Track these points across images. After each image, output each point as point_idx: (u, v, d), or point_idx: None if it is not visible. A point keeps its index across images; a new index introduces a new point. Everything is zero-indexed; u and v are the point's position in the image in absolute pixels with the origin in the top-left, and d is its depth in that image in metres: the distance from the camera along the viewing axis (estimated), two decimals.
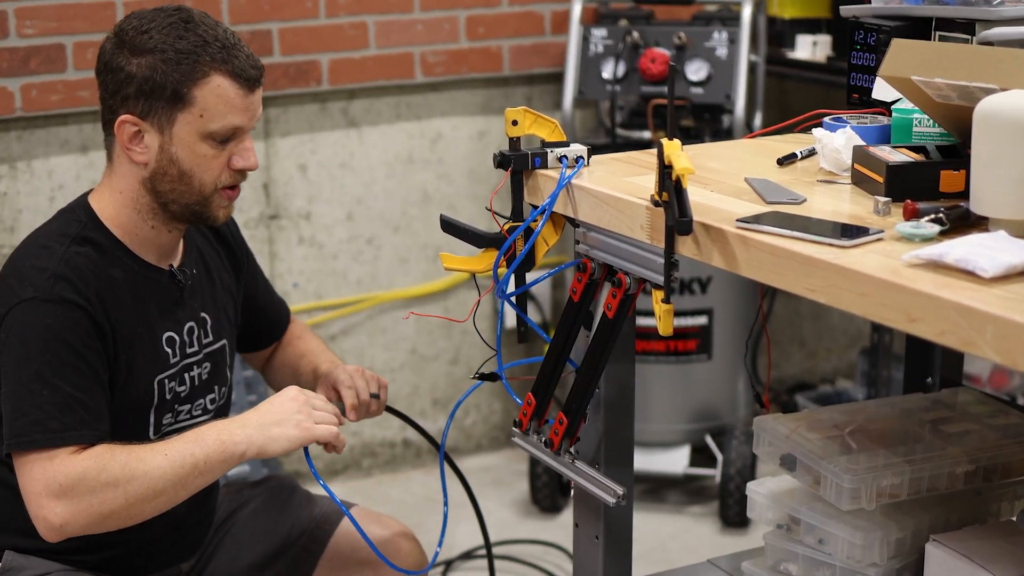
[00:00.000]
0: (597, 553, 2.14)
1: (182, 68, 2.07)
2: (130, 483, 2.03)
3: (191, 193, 2.14)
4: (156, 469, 2.04)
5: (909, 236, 1.64)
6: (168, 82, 2.07)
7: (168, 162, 2.12)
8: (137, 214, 2.17)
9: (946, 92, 1.80)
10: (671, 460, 3.51)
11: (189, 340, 2.26)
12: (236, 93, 2.10)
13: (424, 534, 3.36)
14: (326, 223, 3.59)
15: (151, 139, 2.11)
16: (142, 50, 2.08)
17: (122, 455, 2.04)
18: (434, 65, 3.61)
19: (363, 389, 2.37)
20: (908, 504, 2.07)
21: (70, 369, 2.06)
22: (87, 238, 2.15)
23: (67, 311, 2.07)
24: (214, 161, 2.13)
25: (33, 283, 2.08)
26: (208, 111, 2.09)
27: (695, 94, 3.44)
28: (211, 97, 2.09)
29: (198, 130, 2.10)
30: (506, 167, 2.03)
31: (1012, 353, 1.40)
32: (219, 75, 2.09)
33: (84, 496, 2.02)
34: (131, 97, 2.10)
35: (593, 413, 2.09)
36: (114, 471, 2.03)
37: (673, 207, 1.74)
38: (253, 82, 2.13)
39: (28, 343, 2.06)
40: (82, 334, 2.08)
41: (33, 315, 2.06)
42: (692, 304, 3.46)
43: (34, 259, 2.11)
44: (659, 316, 1.82)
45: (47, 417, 2.04)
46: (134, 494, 2.04)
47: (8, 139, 3.18)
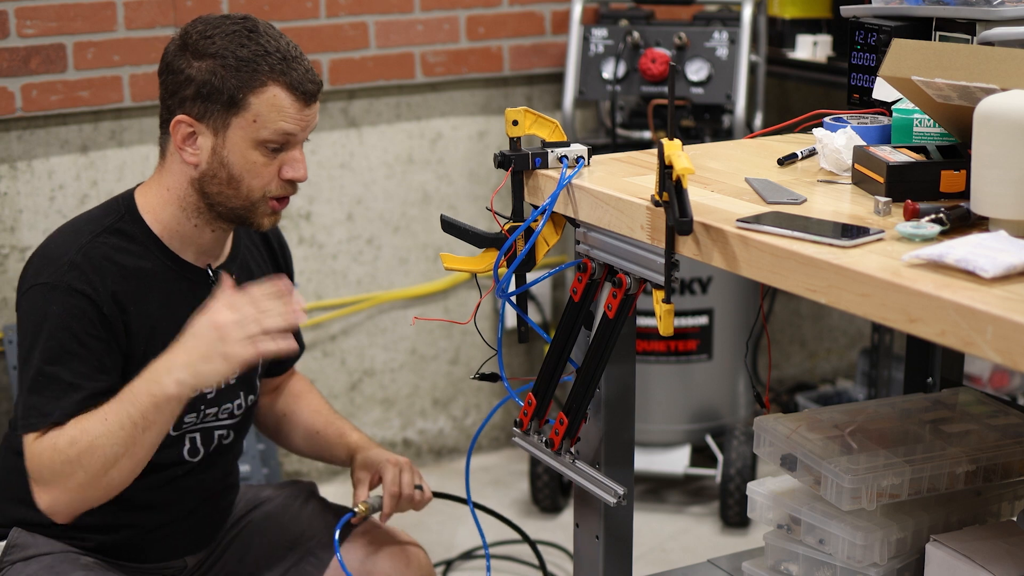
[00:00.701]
0: (597, 553, 2.14)
1: (241, 75, 2.12)
2: (83, 456, 2.07)
3: (238, 198, 2.18)
4: (101, 437, 2.07)
5: (909, 236, 1.64)
6: (226, 87, 2.12)
7: (219, 165, 2.16)
8: (182, 211, 2.21)
9: (946, 92, 1.80)
10: (671, 460, 3.51)
11: None
12: (291, 104, 2.14)
13: (424, 534, 3.37)
14: (326, 223, 3.59)
15: (204, 141, 2.15)
16: (203, 54, 2.13)
17: (70, 430, 2.07)
18: (434, 65, 3.61)
19: (408, 484, 2.39)
20: (908, 504, 2.07)
21: (71, 357, 2.11)
22: (120, 230, 2.20)
23: (74, 300, 2.11)
24: (264, 169, 2.17)
25: (49, 268, 2.14)
26: (261, 118, 2.13)
27: (695, 94, 3.44)
28: (266, 106, 2.13)
29: (251, 136, 2.14)
30: (506, 167, 2.03)
31: (1012, 353, 1.40)
32: (276, 85, 2.13)
33: (52, 479, 2.08)
34: (188, 99, 2.14)
35: (593, 413, 2.09)
36: (66, 449, 2.07)
37: (673, 207, 1.74)
38: (309, 96, 2.16)
39: (37, 327, 2.12)
40: (86, 323, 2.12)
41: (43, 300, 2.13)
42: (692, 304, 3.46)
43: (59, 244, 2.18)
44: (659, 316, 1.82)
45: (44, 402, 2.10)
46: (91, 465, 2.07)
47: (8, 139, 3.18)
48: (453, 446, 3.86)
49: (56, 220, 3.22)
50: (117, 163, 3.29)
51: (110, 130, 3.28)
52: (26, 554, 2.22)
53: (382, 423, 3.76)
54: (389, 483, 2.37)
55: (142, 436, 2.08)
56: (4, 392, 3.21)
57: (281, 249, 2.47)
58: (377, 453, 2.44)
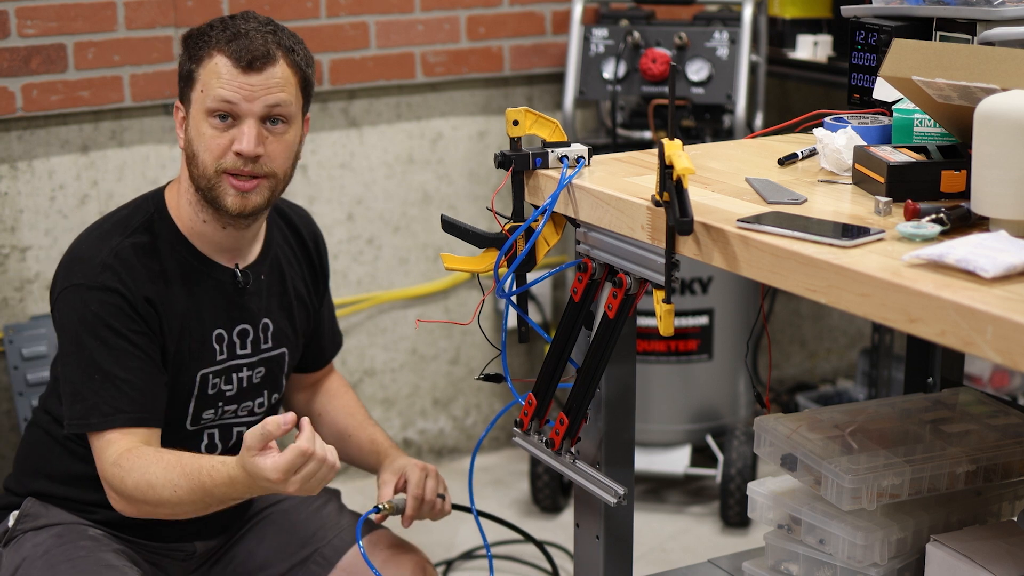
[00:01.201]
0: (598, 553, 2.14)
1: (193, 50, 2.21)
2: (141, 502, 2.15)
3: (201, 176, 2.22)
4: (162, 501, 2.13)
5: (910, 236, 1.64)
6: (184, 63, 2.23)
7: (188, 143, 2.23)
8: (191, 206, 2.27)
9: (947, 92, 1.80)
10: (672, 460, 3.51)
11: (241, 342, 2.31)
12: (228, 70, 2.18)
13: (424, 534, 3.36)
14: (326, 223, 3.59)
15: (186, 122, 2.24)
16: (184, 42, 2.25)
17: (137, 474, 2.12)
18: (434, 65, 3.61)
19: (431, 490, 2.40)
20: (909, 504, 2.07)
21: (119, 352, 2.18)
22: (149, 229, 2.25)
23: (109, 297, 2.18)
24: (213, 142, 2.19)
25: (83, 269, 2.20)
26: (206, 87, 2.19)
27: (696, 94, 3.44)
28: (208, 74, 2.19)
29: (202, 108, 2.20)
30: (507, 167, 2.03)
31: (1012, 353, 1.40)
32: (219, 54, 2.19)
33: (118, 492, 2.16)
34: (178, 84, 2.26)
35: (594, 413, 2.09)
36: (127, 486, 2.14)
37: (674, 207, 1.74)
38: (249, 63, 2.19)
39: (78, 328, 2.18)
40: (125, 319, 2.18)
41: (79, 301, 2.18)
42: (693, 304, 3.46)
43: (91, 246, 2.24)
44: (660, 316, 1.82)
45: (101, 401, 2.17)
46: (144, 508, 2.16)
47: (9, 139, 3.18)
48: (453, 446, 3.86)
49: (56, 220, 3.22)
50: (117, 163, 3.29)
51: (110, 130, 3.28)
52: (37, 523, 2.28)
53: (382, 423, 3.76)
54: (414, 486, 2.38)
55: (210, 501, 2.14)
56: (4, 392, 3.21)
57: (316, 249, 2.49)
58: (406, 459, 2.45)
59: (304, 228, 2.47)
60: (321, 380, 2.60)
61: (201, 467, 2.11)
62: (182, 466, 2.12)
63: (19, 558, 2.25)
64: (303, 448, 2.00)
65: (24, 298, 3.21)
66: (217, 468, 2.09)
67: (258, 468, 2.01)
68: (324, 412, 2.57)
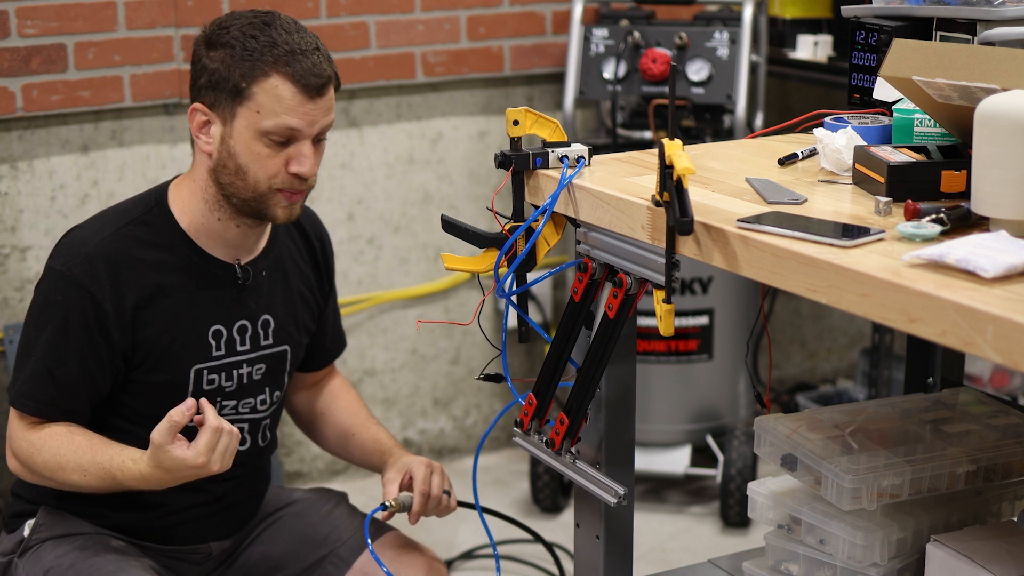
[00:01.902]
0: (598, 553, 2.14)
1: (245, 64, 2.15)
2: (49, 478, 2.22)
3: (247, 189, 2.20)
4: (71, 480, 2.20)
5: (910, 236, 1.64)
6: (232, 76, 2.16)
7: (227, 155, 2.19)
8: (205, 204, 2.25)
9: (947, 92, 1.80)
10: (672, 460, 3.51)
11: (240, 338, 2.30)
12: (292, 95, 2.15)
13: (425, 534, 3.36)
14: (326, 223, 3.58)
15: (216, 130, 2.19)
16: (217, 44, 2.18)
17: (48, 453, 2.19)
18: (435, 65, 3.61)
19: (437, 486, 2.40)
20: (909, 504, 2.07)
21: (61, 348, 2.19)
22: (146, 222, 2.24)
23: (78, 295, 2.18)
24: (269, 161, 2.18)
25: (66, 254, 2.21)
26: (264, 109, 2.15)
27: (696, 94, 3.44)
28: (268, 96, 2.15)
29: (254, 127, 2.16)
30: (507, 167, 2.03)
31: (1013, 353, 1.40)
32: (278, 76, 2.15)
33: (27, 468, 2.24)
34: (203, 88, 2.19)
35: (594, 413, 2.09)
36: (36, 463, 2.21)
37: (674, 207, 1.74)
38: (312, 89, 2.16)
39: (41, 309, 2.21)
40: (83, 321, 2.18)
41: (51, 285, 2.20)
42: (693, 304, 3.46)
43: (84, 233, 2.24)
44: (660, 316, 1.82)
45: (24, 381, 2.22)
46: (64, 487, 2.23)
47: (9, 139, 3.18)
48: (454, 446, 3.86)
49: (57, 220, 3.22)
50: (118, 163, 3.29)
51: (111, 130, 3.28)
52: (55, 532, 2.28)
53: (383, 423, 3.75)
54: (420, 482, 2.37)
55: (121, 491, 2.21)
56: (4, 392, 3.21)
57: (322, 247, 2.49)
58: (410, 457, 2.45)
59: (311, 228, 2.47)
60: (324, 380, 2.60)
61: (112, 460, 2.15)
62: (92, 453, 2.17)
63: (40, 569, 2.25)
64: (215, 425, 2.09)
65: (24, 298, 3.21)
66: (128, 466, 2.14)
67: (178, 459, 2.08)
68: (327, 412, 2.56)
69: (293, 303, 2.39)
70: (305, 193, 2.24)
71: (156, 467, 2.11)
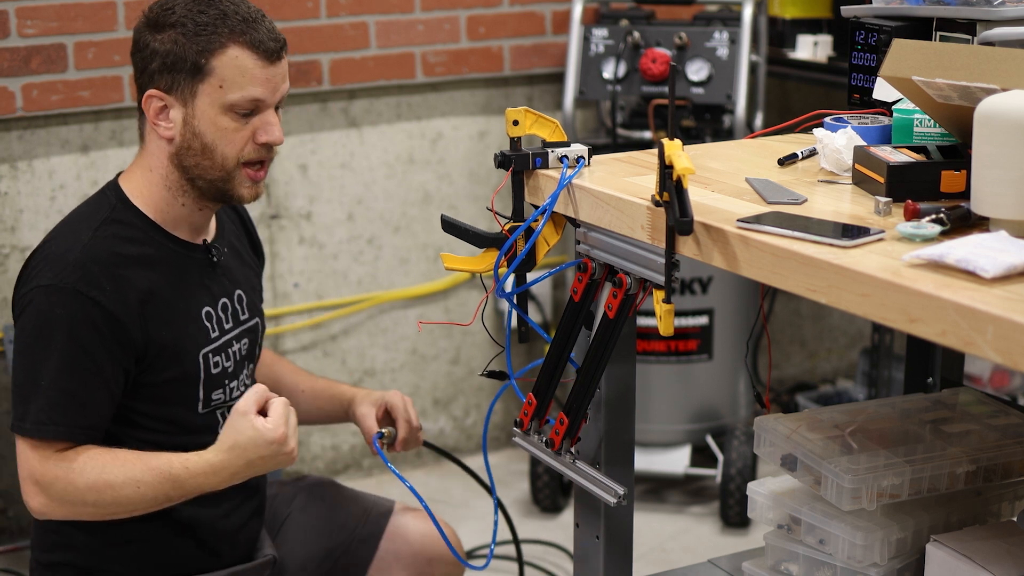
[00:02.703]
0: (598, 553, 2.14)
1: (200, 40, 2.11)
2: (97, 502, 2.10)
3: (214, 168, 2.16)
4: (125, 499, 2.10)
5: (910, 236, 1.64)
6: (188, 54, 2.11)
7: (192, 135, 2.14)
8: (168, 191, 2.19)
9: (947, 92, 1.80)
10: (672, 460, 3.51)
11: (225, 316, 2.28)
12: (254, 64, 2.12)
13: None
14: (326, 223, 3.59)
15: (176, 113, 2.14)
16: (164, 25, 2.12)
17: (93, 474, 2.09)
18: (435, 65, 3.61)
19: (415, 416, 2.41)
20: (909, 504, 2.07)
21: (75, 364, 2.09)
22: (117, 219, 2.17)
23: (80, 304, 2.08)
24: (236, 135, 2.15)
25: (52, 269, 2.10)
26: (227, 82, 2.12)
27: (696, 94, 3.44)
28: (229, 68, 2.12)
29: (218, 102, 2.12)
30: (507, 167, 2.03)
31: (1012, 353, 1.40)
32: (237, 46, 2.11)
33: (59, 499, 2.10)
34: (156, 72, 2.13)
35: (594, 413, 2.09)
36: (80, 487, 2.09)
37: (674, 207, 1.74)
38: (272, 54, 2.14)
39: (40, 330, 2.09)
40: (92, 330, 2.09)
41: (47, 302, 2.09)
42: (693, 304, 3.46)
43: (60, 244, 2.14)
44: (660, 316, 1.82)
45: (40, 409, 2.09)
46: (102, 510, 2.11)
47: (9, 139, 3.18)
48: (453, 446, 3.86)
49: (57, 220, 3.21)
50: (118, 163, 3.29)
51: (111, 130, 3.28)
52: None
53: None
54: (401, 411, 2.39)
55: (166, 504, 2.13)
56: (4, 392, 3.21)
57: (251, 224, 2.47)
58: (379, 392, 2.45)
59: None
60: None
61: (171, 461, 2.10)
62: (144, 461, 2.10)
63: None
64: (285, 399, 2.10)
65: None
66: (192, 460, 2.10)
67: (258, 430, 2.06)
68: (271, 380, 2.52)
69: (249, 275, 2.38)
70: (267, 167, 2.21)
71: (230, 448, 2.07)
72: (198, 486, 2.11)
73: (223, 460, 2.10)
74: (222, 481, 2.12)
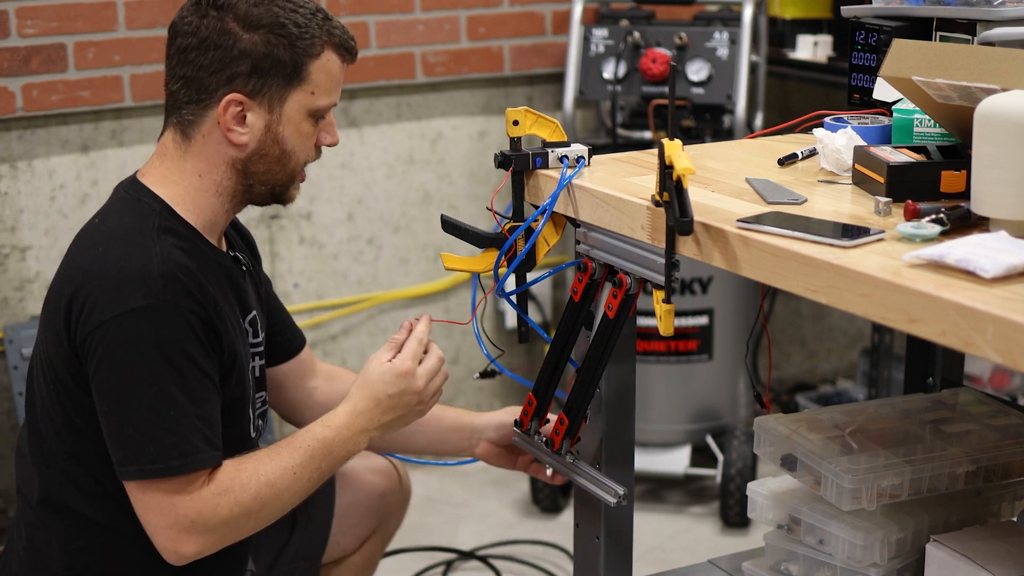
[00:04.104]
0: (598, 553, 2.14)
1: (302, 43, 1.97)
2: (262, 510, 1.98)
3: (284, 173, 2.04)
4: (287, 491, 1.98)
5: (910, 236, 1.64)
6: (286, 58, 1.96)
7: (272, 142, 2.00)
8: (217, 198, 2.03)
9: (947, 92, 1.80)
10: (672, 460, 3.51)
11: (253, 329, 2.16)
12: (339, 68, 2.03)
13: (425, 533, 3.37)
14: (326, 223, 3.59)
15: (256, 119, 1.99)
16: (257, 24, 1.96)
17: (253, 482, 1.95)
18: (435, 65, 3.61)
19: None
20: (908, 504, 2.07)
21: (193, 383, 1.92)
22: (169, 228, 1.98)
23: (182, 317, 1.90)
24: (310, 140, 2.04)
25: (139, 289, 1.89)
26: (319, 88, 2.00)
27: (696, 94, 3.44)
28: (322, 72, 2.00)
29: (307, 107, 2.00)
30: (507, 167, 2.03)
31: (1013, 353, 1.40)
32: (329, 50, 2.00)
33: (217, 528, 1.94)
34: (242, 75, 1.96)
35: (594, 413, 2.09)
36: (247, 502, 1.95)
37: (674, 207, 1.74)
38: (354, 54, 2.04)
39: (145, 358, 1.89)
40: (197, 343, 1.93)
41: (146, 325, 1.88)
42: (693, 304, 3.46)
43: (127, 260, 1.92)
44: (660, 316, 1.82)
45: (181, 440, 1.89)
46: (266, 518, 2.00)
47: (9, 139, 3.18)
48: None
49: (56, 220, 3.22)
50: (118, 163, 3.29)
51: (111, 130, 3.28)
52: None
53: None
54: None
55: (323, 481, 2.05)
56: (4, 392, 3.21)
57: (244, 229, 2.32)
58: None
59: None
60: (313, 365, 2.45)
61: (311, 431, 2.01)
62: (287, 446, 1.99)
63: None
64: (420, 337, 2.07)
65: (24, 298, 3.21)
66: (327, 417, 2.03)
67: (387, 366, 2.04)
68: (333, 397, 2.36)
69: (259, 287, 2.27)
70: None
71: (360, 388, 2.03)
72: (344, 443, 2.02)
73: (355, 402, 2.02)
74: (361, 430, 2.04)
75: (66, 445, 2.02)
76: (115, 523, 2.03)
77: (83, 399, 1.98)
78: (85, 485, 2.03)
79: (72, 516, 2.04)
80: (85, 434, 2.00)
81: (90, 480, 2.02)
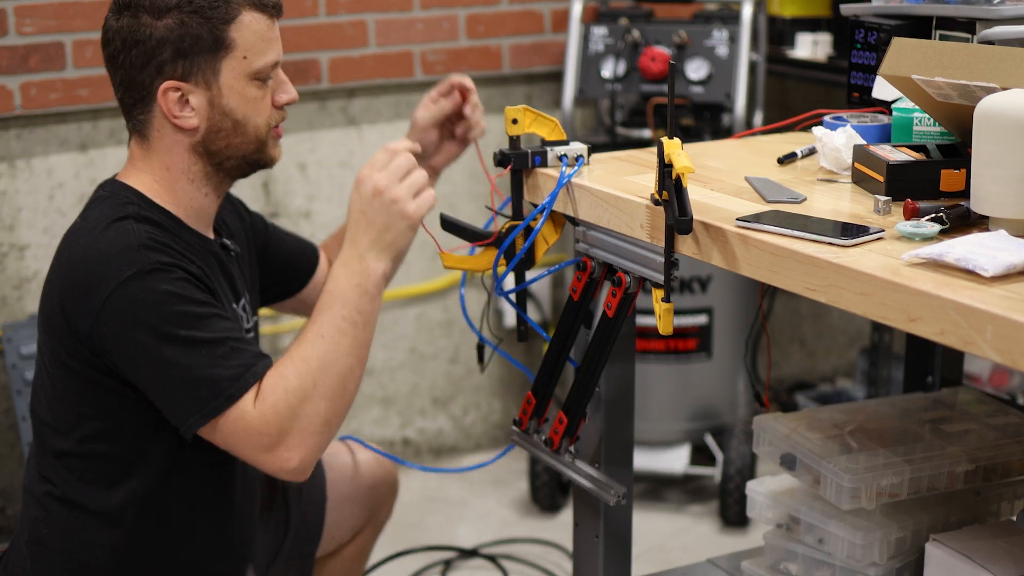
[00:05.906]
0: (597, 552, 2.14)
1: (214, 13, 1.99)
2: (319, 383, 1.97)
3: (247, 142, 2.07)
4: (328, 353, 1.98)
5: (909, 235, 1.64)
6: (202, 31, 1.99)
7: (221, 116, 2.04)
8: (191, 184, 2.08)
9: (946, 91, 1.80)
10: (671, 459, 3.50)
11: (245, 315, 2.19)
12: (267, 25, 2.04)
13: (424, 533, 3.36)
14: (325, 221, 3.59)
15: (198, 99, 2.03)
16: (163, 9, 1.99)
17: (289, 367, 1.96)
18: (434, 64, 3.61)
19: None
20: (908, 504, 2.07)
21: (209, 317, 1.95)
22: (144, 217, 2.02)
23: (171, 273, 1.95)
24: (261, 103, 2.06)
25: (124, 261, 1.94)
26: (250, 50, 2.02)
27: (695, 93, 3.44)
28: (248, 34, 2.02)
29: (244, 73, 2.03)
30: (506, 165, 2.02)
31: (1012, 352, 1.40)
32: (248, 10, 2.02)
33: (293, 427, 1.95)
34: (167, 61, 2.00)
35: (593, 412, 2.09)
36: (299, 386, 1.95)
37: (673, 206, 1.74)
38: (278, 9, 2.06)
39: (154, 317, 1.93)
40: (195, 289, 1.97)
41: (140, 289, 1.93)
42: (692, 303, 3.46)
43: (107, 243, 1.97)
44: (659, 315, 1.82)
45: (224, 368, 1.93)
46: (330, 387, 1.98)
47: (7, 137, 3.17)
48: (452, 445, 3.86)
49: (55, 219, 3.22)
50: (116, 161, 3.29)
51: (109, 128, 3.28)
52: None
53: (381, 422, 3.76)
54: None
55: (363, 333, 2.01)
56: (3, 391, 3.20)
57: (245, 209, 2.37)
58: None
59: None
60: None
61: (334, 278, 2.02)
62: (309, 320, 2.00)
63: None
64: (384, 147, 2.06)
65: (23, 296, 3.21)
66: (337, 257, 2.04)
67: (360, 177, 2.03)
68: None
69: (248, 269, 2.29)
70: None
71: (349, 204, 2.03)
72: (348, 281, 2.01)
73: (349, 224, 2.04)
74: (357, 257, 2.03)
75: (71, 441, 2.05)
76: (119, 517, 2.05)
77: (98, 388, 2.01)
78: (91, 480, 2.05)
79: (79, 510, 2.06)
80: (94, 426, 2.03)
81: (96, 475, 2.05)
